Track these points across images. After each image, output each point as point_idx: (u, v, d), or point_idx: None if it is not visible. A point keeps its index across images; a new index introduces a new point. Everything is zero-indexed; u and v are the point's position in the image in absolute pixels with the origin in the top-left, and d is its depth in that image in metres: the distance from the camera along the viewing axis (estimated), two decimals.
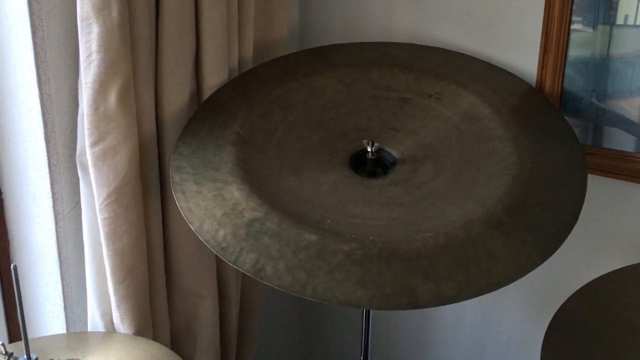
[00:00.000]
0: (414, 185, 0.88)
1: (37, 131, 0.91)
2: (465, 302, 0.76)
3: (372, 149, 0.91)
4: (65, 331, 1.00)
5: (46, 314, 1.01)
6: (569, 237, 0.82)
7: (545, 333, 0.86)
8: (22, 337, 0.80)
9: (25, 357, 0.81)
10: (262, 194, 0.84)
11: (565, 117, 1.01)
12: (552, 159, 0.91)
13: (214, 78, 0.97)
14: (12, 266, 0.78)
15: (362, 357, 1.01)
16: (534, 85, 1.05)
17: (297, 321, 1.42)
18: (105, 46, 0.84)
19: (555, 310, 0.89)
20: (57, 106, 0.91)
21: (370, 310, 0.98)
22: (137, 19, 0.87)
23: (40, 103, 0.89)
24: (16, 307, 0.79)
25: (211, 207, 0.83)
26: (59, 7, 0.87)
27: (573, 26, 1.00)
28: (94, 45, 0.84)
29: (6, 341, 1.01)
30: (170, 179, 0.88)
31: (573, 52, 1.02)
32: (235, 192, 0.84)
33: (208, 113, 0.96)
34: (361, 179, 0.90)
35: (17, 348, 0.82)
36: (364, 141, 0.92)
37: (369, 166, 0.92)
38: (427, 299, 0.74)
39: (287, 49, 1.10)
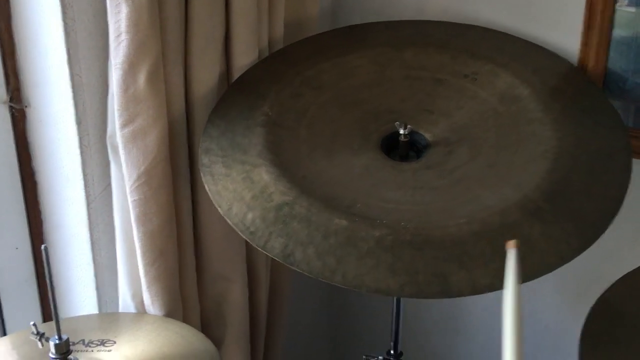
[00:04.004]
0: (448, 169, 0.86)
1: (68, 112, 0.91)
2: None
3: (404, 132, 0.89)
4: (97, 312, 1.01)
5: (78, 294, 1.02)
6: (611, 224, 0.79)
7: (585, 322, 0.83)
8: (53, 317, 0.81)
9: (56, 337, 0.82)
10: (292, 177, 0.83)
11: (609, 99, 0.97)
12: (595, 142, 0.87)
13: (243, 58, 0.96)
14: (42, 247, 0.78)
15: (392, 343, 1.00)
16: (575, 64, 1.01)
17: (327, 305, 1.42)
18: (135, 26, 0.83)
19: (594, 300, 0.86)
20: (88, 87, 0.91)
21: (402, 297, 0.96)
22: None
23: (71, 84, 0.89)
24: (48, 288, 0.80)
25: (240, 190, 0.82)
26: None
27: (617, 4, 0.96)
28: (123, 26, 0.83)
29: (39, 321, 1.03)
30: (199, 161, 0.87)
31: (618, 31, 0.97)
32: (265, 175, 0.83)
33: (237, 94, 0.94)
34: (393, 163, 0.88)
35: (49, 328, 0.83)
36: (397, 123, 0.89)
37: (402, 149, 0.89)
38: (461, 287, 0.72)
39: (319, 28, 1.08)
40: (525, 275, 0.74)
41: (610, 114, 0.92)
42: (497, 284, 0.72)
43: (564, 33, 1.01)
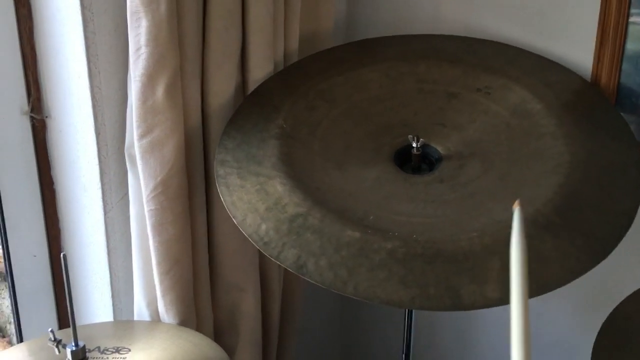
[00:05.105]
0: (460, 182, 0.86)
1: (88, 123, 0.93)
2: None
3: (417, 145, 0.89)
4: (112, 319, 1.02)
5: (94, 302, 1.04)
6: (622, 239, 0.79)
7: (597, 337, 0.83)
8: (71, 324, 0.82)
9: (73, 344, 0.83)
10: (305, 188, 0.84)
11: (622, 114, 0.97)
12: (607, 157, 0.87)
13: (259, 71, 0.97)
14: (61, 255, 0.80)
15: (403, 355, 1.00)
16: (588, 79, 1.01)
17: (339, 316, 1.42)
18: (154, 40, 0.85)
19: (605, 315, 0.86)
20: (107, 99, 0.93)
21: (413, 310, 0.96)
22: (185, 13, 0.87)
23: (91, 96, 0.91)
24: (65, 295, 0.81)
25: (254, 201, 0.83)
26: (109, 1, 0.89)
27: (631, 19, 0.96)
28: (143, 39, 0.85)
29: (56, 328, 1.05)
30: (215, 172, 0.89)
31: (631, 46, 0.97)
32: (279, 187, 0.84)
33: (253, 106, 0.96)
34: (406, 175, 0.89)
35: (66, 335, 0.84)
36: (409, 136, 0.90)
37: (414, 162, 0.90)
38: (472, 301, 0.72)
39: (333, 41, 1.09)
40: (537, 289, 0.74)
41: (622, 129, 0.92)
42: (508, 298, 0.73)
43: (577, 48, 1.02)
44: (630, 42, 0.97)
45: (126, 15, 0.86)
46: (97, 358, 0.86)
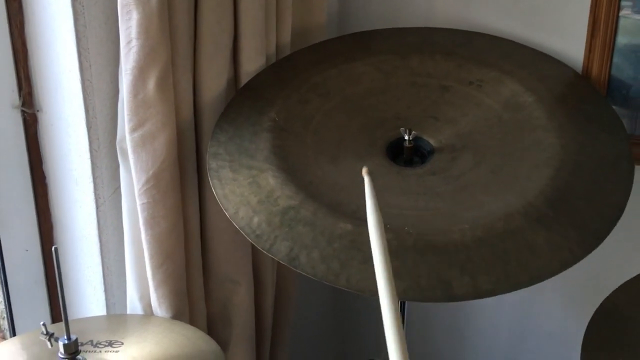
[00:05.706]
0: (453, 175, 0.87)
1: (79, 117, 0.93)
2: (504, 294, 0.74)
3: (409, 138, 0.90)
4: (105, 313, 1.02)
5: (87, 296, 1.04)
6: (613, 230, 0.80)
7: (587, 327, 0.84)
8: (63, 318, 0.82)
9: (65, 337, 0.83)
10: (298, 182, 0.84)
11: (613, 106, 0.97)
12: (598, 149, 0.88)
13: (251, 65, 0.97)
14: (53, 248, 0.80)
15: None
16: (580, 72, 1.02)
17: (332, 308, 1.42)
18: (145, 33, 0.84)
19: (597, 305, 0.86)
20: (98, 92, 0.93)
21: (406, 302, 0.97)
22: (176, 6, 0.87)
23: (82, 89, 0.91)
24: (58, 289, 0.81)
25: (247, 194, 0.83)
26: None
27: (622, 12, 0.96)
28: (134, 32, 0.85)
29: (48, 322, 1.04)
30: (207, 166, 0.89)
31: (622, 39, 0.98)
32: (271, 180, 0.84)
33: (245, 100, 0.96)
34: (398, 168, 0.89)
35: (58, 328, 0.84)
36: (401, 129, 0.90)
37: (406, 155, 0.90)
38: (463, 292, 0.73)
39: (326, 34, 1.09)
40: (529, 280, 0.75)
41: (613, 122, 0.93)
42: (500, 289, 0.73)
43: (569, 41, 1.02)
44: (621, 35, 0.98)
45: (117, 7, 0.85)
46: (90, 352, 0.86)
